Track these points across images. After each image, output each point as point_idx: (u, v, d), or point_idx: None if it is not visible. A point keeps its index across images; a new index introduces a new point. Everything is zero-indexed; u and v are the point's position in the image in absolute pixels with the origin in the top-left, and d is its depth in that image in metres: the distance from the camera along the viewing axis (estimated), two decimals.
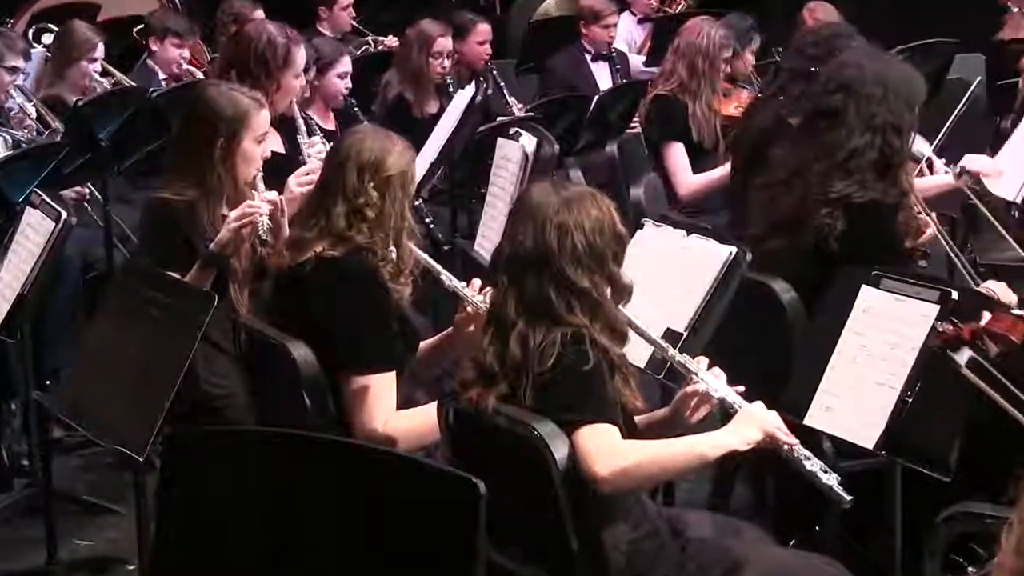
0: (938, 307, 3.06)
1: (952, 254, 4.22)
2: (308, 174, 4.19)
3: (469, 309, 3.43)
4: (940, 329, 2.97)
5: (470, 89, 5.34)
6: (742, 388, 2.99)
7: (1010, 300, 3.56)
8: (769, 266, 3.72)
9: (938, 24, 7.20)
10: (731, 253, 3.47)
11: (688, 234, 3.60)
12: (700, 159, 5.62)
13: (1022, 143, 4.90)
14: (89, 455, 4.83)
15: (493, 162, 4.76)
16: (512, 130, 4.69)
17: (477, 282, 3.42)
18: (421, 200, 5.40)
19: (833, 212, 3.68)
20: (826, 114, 3.78)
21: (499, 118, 6.29)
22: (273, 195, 3.84)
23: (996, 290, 3.63)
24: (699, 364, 3.02)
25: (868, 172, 3.70)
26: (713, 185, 5.50)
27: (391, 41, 7.59)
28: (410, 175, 3.41)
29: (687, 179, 5.60)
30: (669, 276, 3.52)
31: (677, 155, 5.64)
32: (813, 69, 4.43)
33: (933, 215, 4.12)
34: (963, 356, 2.83)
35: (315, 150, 4.50)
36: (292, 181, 4.20)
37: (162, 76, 6.68)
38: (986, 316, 2.99)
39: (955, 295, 3.07)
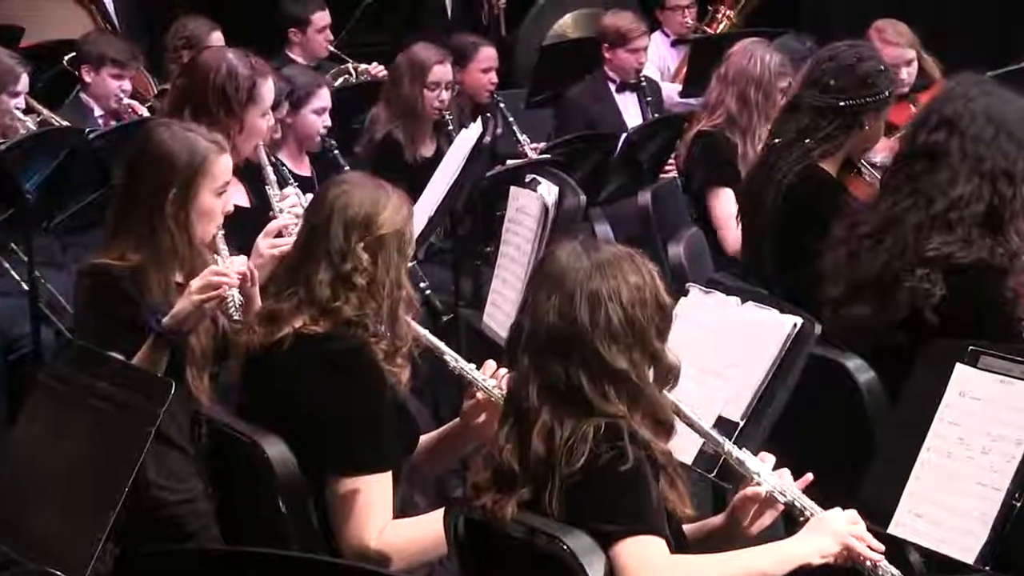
0: None
1: None
2: (280, 233, 4.23)
3: (480, 396, 3.44)
4: None
5: (475, 127, 5.37)
6: (810, 477, 3.00)
7: None
8: (847, 338, 3.75)
9: None
10: (796, 325, 3.49)
11: (743, 301, 3.62)
12: None
13: None
14: None
15: (505, 216, 4.79)
16: (528, 176, 4.72)
17: (491, 364, 3.43)
18: (416, 262, 5.42)
19: (930, 274, 3.71)
20: (925, 155, 3.81)
21: (509, 161, 6.35)
22: (243, 262, 3.86)
23: None
24: (762, 462, 3.03)
25: (974, 227, 3.73)
26: None
27: (376, 69, 7.67)
28: (407, 234, 3.44)
29: (737, 233, 5.62)
30: (721, 354, 3.54)
31: (726, 203, 5.68)
32: (842, 103, 4.50)
33: None
34: None
35: (288, 203, 4.53)
36: (262, 242, 4.23)
37: (99, 113, 6.75)
38: None
39: None
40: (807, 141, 4.54)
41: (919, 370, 3.39)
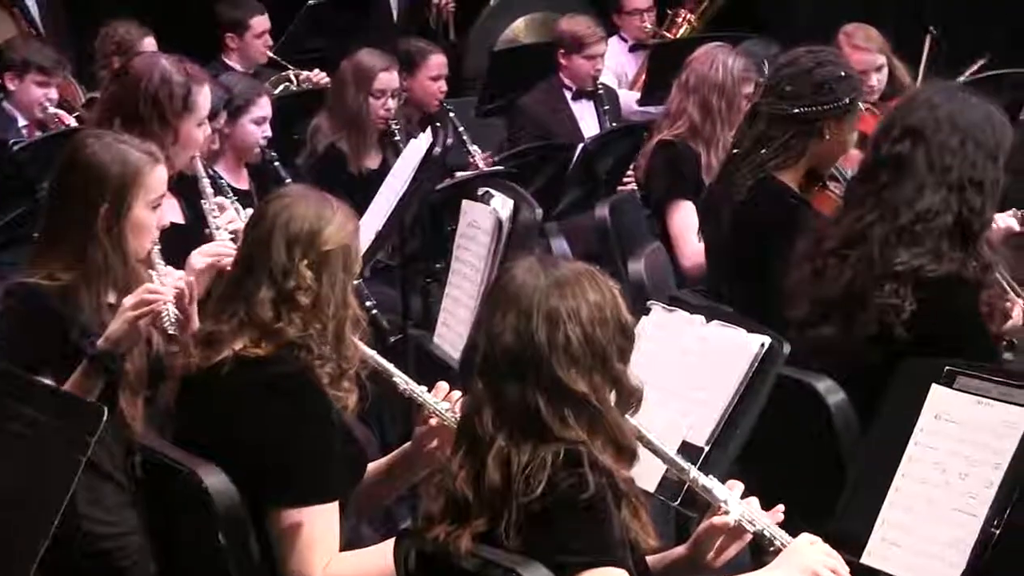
0: None
1: None
2: (216, 253, 4.21)
3: (433, 421, 3.43)
4: None
5: (424, 138, 5.37)
6: (781, 514, 3.01)
7: None
8: (815, 359, 3.76)
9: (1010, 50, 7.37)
10: (763, 345, 3.50)
11: (708, 320, 3.63)
12: None
13: None
14: None
15: (456, 231, 4.79)
16: (480, 190, 4.73)
17: (443, 386, 3.43)
18: (362, 279, 5.40)
19: (899, 289, 3.74)
20: (890, 166, 3.84)
21: (459, 174, 6.35)
22: (179, 276, 3.84)
23: None
24: (729, 490, 3.03)
25: (943, 239, 3.76)
26: None
27: (319, 77, 7.66)
28: (353, 250, 3.43)
29: (695, 247, 5.64)
30: (685, 375, 3.55)
31: (684, 216, 5.71)
32: (797, 111, 4.50)
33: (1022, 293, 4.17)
34: None
35: (224, 219, 4.51)
36: (195, 257, 4.21)
37: (22, 123, 6.71)
38: None
39: None
40: (763, 151, 4.54)
41: (892, 391, 3.40)
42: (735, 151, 4.68)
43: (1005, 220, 4.69)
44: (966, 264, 3.76)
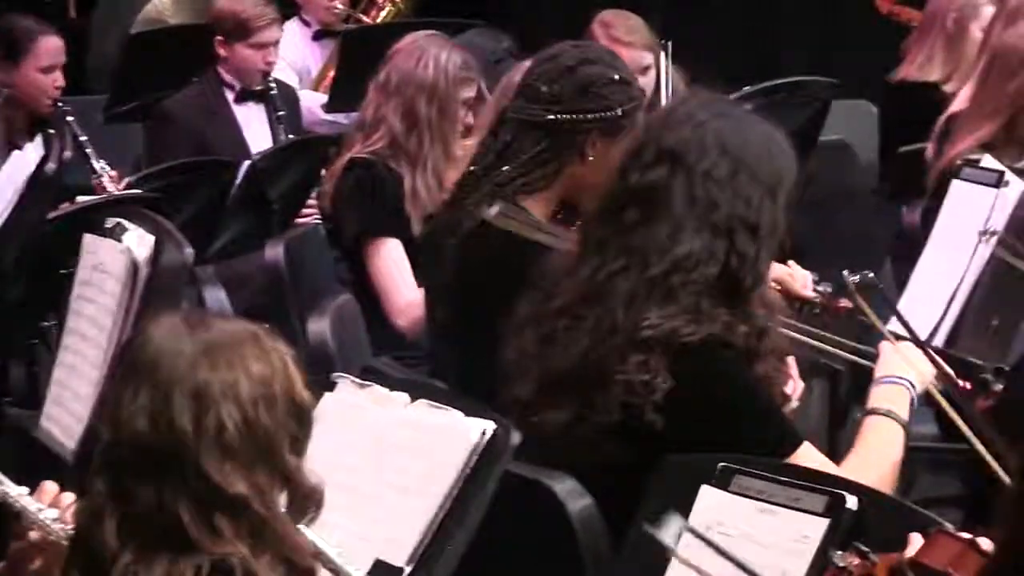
0: (827, 521, 3.18)
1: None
2: None
3: (33, 535, 3.37)
4: (837, 563, 3.07)
5: (33, 149, 5.30)
6: None
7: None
8: (543, 453, 3.79)
9: (802, 52, 7.64)
10: (485, 433, 3.53)
11: (413, 399, 3.65)
12: None
13: (939, 255, 5.18)
14: None
15: (76, 275, 4.73)
16: (110, 221, 4.67)
17: (50, 488, 3.36)
18: None
19: (649, 361, 3.74)
20: (639, 200, 3.86)
21: (81, 198, 6.26)
22: None
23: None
24: None
25: (704, 296, 3.78)
26: None
27: None
28: None
29: (410, 297, 5.67)
30: (381, 472, 3.56)
31: (389, 259, 5.75)
32: (552, 117, 4.53)
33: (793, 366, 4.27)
34: None
35: None
36: None
37: None
38: (915, 540, 3.10)
39: (851, 502, 3.20)
40: (505, 169, 4.55)
41: (649, 497, 3.46)
42: (472, 169, 4.70)
43: (797, 274, 4.75)
44: (733, 328, 3.78)
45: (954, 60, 7.08)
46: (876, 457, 3.85)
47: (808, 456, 3.75)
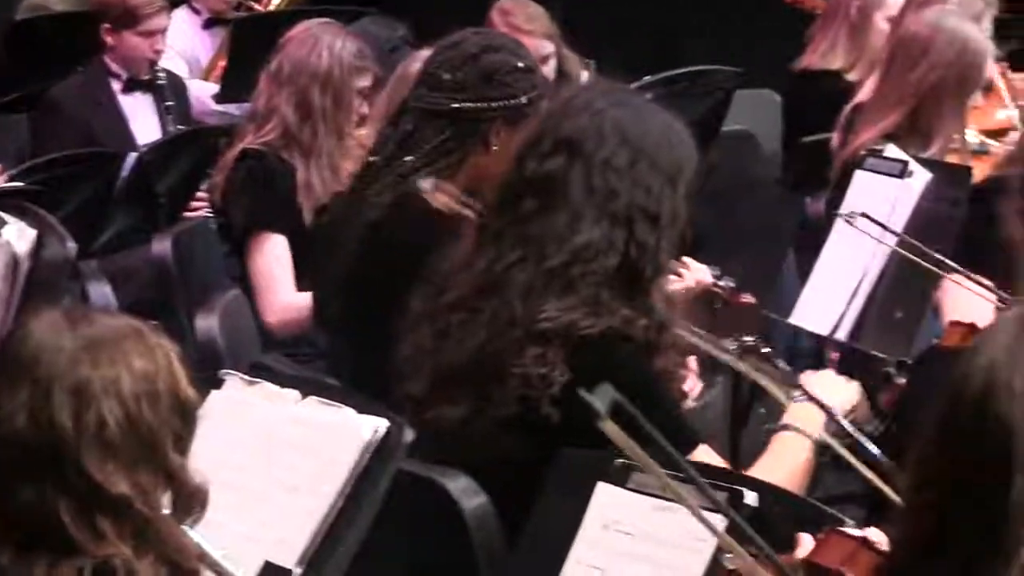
0: (724, 521, 3.20)
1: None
2: None
3: None
4: (727, 566, 3.08)
5: None
6: None
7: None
8: (438, 450, 3.82)
9: (704, 41, 7.67)
10: (378, 430, 3.53)
11: (303, 396, 3.65)
12: None
13: (841, 248, 5.24)
14: None
15: None
16: None
17: None
18: None
19: (547, 354, 3.76)
20: (536, 190, 3.88)
21: None
22: None
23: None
24: None
25: (603, 287, 3.80)
26: None
27: None
28: None
29: (285, 297, 5.67)
30: (270, 471, 3.55)
31: (273, 252, 5.77)
32: (455, 106, 4.56)
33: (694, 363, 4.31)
34: None
35: None
36: None
37: None
38: (806, 540, 3.13)
39: (751, 499, 3.23)
40: (408, 159, 4.56)
41: (545, 494, 3.48)
42: (372, 159, 4.71)
43: (696, 271, 4.79)
44: (632, 321, 3.79)
45: (858, 48, 7.14)
46: (781, 468, 3.86)
47: (705, 458, 3.77)
